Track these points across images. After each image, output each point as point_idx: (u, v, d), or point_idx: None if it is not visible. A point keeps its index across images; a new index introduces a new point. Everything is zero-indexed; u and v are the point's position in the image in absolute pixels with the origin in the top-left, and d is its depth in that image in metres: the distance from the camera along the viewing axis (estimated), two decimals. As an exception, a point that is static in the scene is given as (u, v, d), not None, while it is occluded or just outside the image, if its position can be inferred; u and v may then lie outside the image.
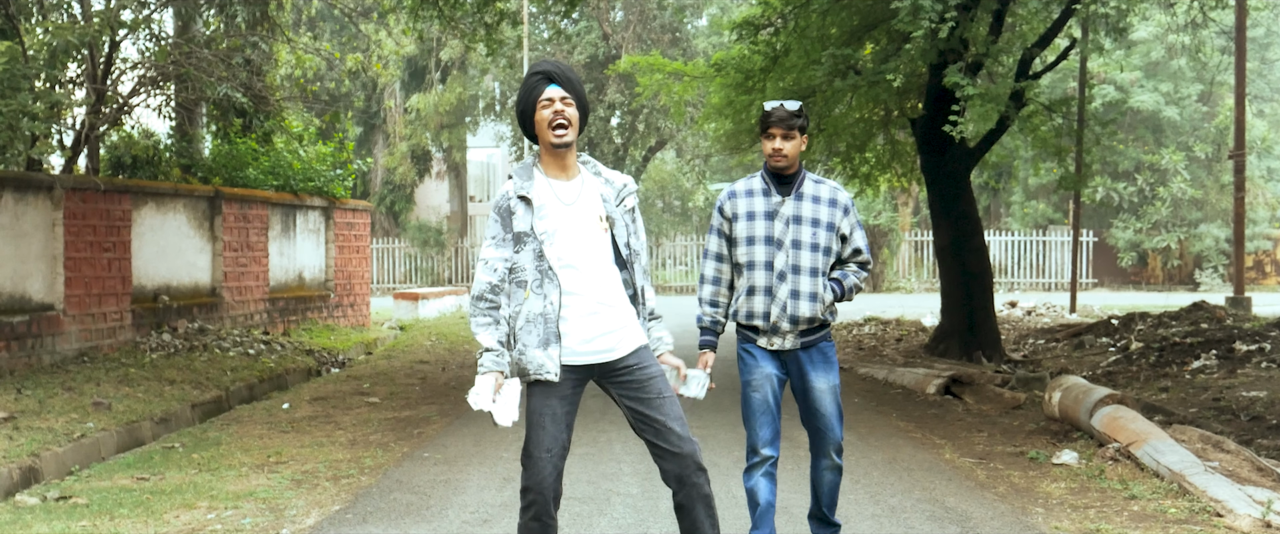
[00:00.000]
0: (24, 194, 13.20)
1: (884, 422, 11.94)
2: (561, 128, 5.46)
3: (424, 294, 26.71)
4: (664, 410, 5.51)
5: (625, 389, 5.55)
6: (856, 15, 16.80)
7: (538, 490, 5.39)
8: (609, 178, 5.66)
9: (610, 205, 5.58)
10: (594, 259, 5.50)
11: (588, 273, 5.47)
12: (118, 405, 11.24)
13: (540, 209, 5.47)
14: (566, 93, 5.50)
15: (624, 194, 5.65)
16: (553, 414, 5.46)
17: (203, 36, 18.07)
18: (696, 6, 44.26)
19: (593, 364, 5.51)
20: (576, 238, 5.48)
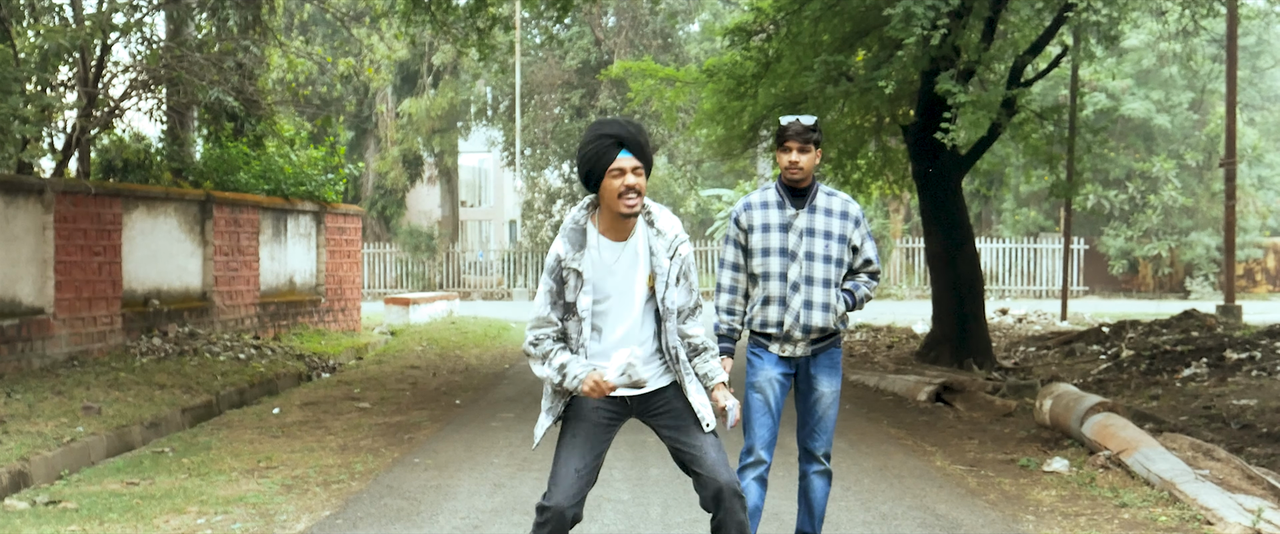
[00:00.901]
0: (14, 197, 13.17)
1: (875, 429, 11.94)
2: (632, 200, 5.37)
3: (415, 299, 26.67)
4: (703, 440, 5.51)
5: (663, 420, 5.58)
6: (848, 22, 16.81)
7: (556, 509, 5.37)
8: (661, 227, 5.56)
9: (660, 258, 5.52)
10: (637, 315, 5.51)
11: (629, 329, 5.50)
12: (108, 410, 11.22)
13: (590, 277, 5.46)
14: (639, 163, 5.40)
15: (675, 245, 5.56)
16: (588, 438, 5.49)
17: (194, 40, 18.05)
18: (688, 12, 44.29)
19: (628, 397, 5.53)
20: (622, 299, 5.49)
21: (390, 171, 45.32)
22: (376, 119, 45.65)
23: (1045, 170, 19.97)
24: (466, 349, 20.51)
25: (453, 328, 24.51)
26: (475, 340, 22.10)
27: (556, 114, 44.58)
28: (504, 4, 22.47)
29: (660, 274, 5.49)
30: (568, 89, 43.87)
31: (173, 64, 16.69)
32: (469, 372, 17.18)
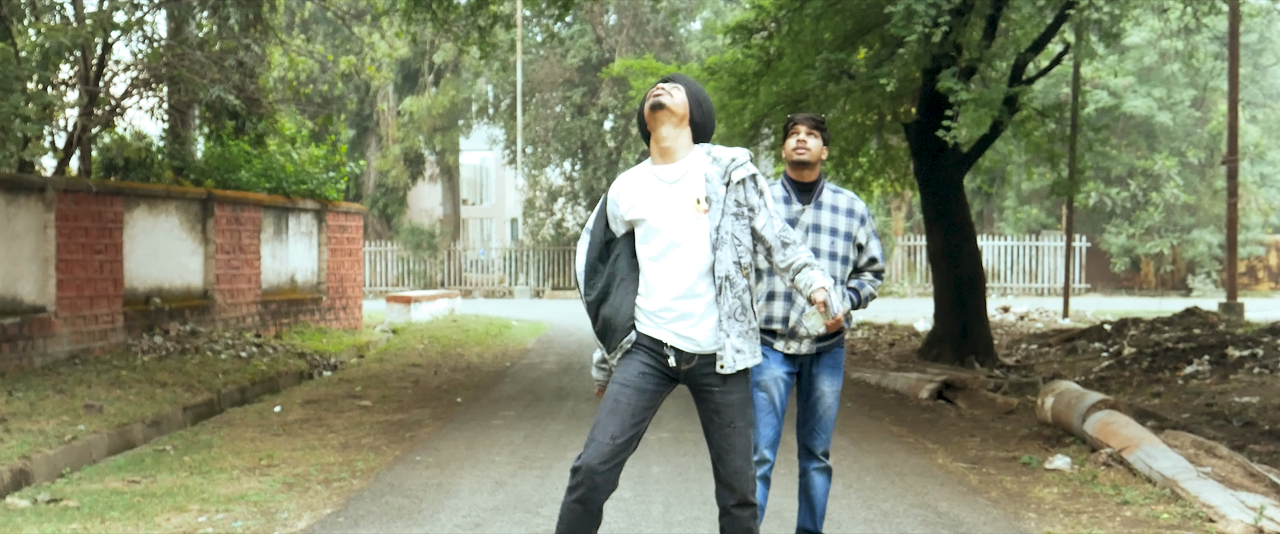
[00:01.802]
0: (16, 196, 13.17)
1: (877, 426, 11.93)
2: (659, 96, 5.46)
3: (416, 297, 26.68)
4: (731, 440, 5.47)
5: (704, 402, 5.52)
6: (850, 20, 16.81)
7: (588, 472, 5.30)
8: (717, 155, 5.53)
9: (715, 185, 5.45)
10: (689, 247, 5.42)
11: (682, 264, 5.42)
12: (109, 408, 11.22)
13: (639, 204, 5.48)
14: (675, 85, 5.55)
15: (730, 170, 5.49)
16: (628, 402, 5.39)
17: (196, 38, 18.04)
18: (690, 10, 44.28)
19: (678, 364, 5.46)
20: (673, 227, 5.43)
21: (392, 170, 45.33)
22: (378, 117, 45.65)
23: (1047, 168, 19.97)
24: (468, 347, 20.52)
25: (454, 326, 24.52)
26: (477, 339, 22.10)
27: (558, 112, 44.58)
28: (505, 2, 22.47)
29: (715, 200, 5.42)
30: (569, 87, 43.87)
31: (174, 62, 16.69)
32: (470, 370, 17.18)
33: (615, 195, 5.56)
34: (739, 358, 5.42)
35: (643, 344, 5.48)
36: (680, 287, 5.40)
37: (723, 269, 5.39)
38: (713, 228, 5.40)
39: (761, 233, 5.52)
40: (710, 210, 5.42)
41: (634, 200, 5.48)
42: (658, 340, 5.45)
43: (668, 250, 5.42)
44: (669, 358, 5.45)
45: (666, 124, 5.46)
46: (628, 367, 5.48)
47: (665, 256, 5.42)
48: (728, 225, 5.43)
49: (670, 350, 5.44)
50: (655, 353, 5.46)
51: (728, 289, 5.40)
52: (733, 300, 5.41)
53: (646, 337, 5.47)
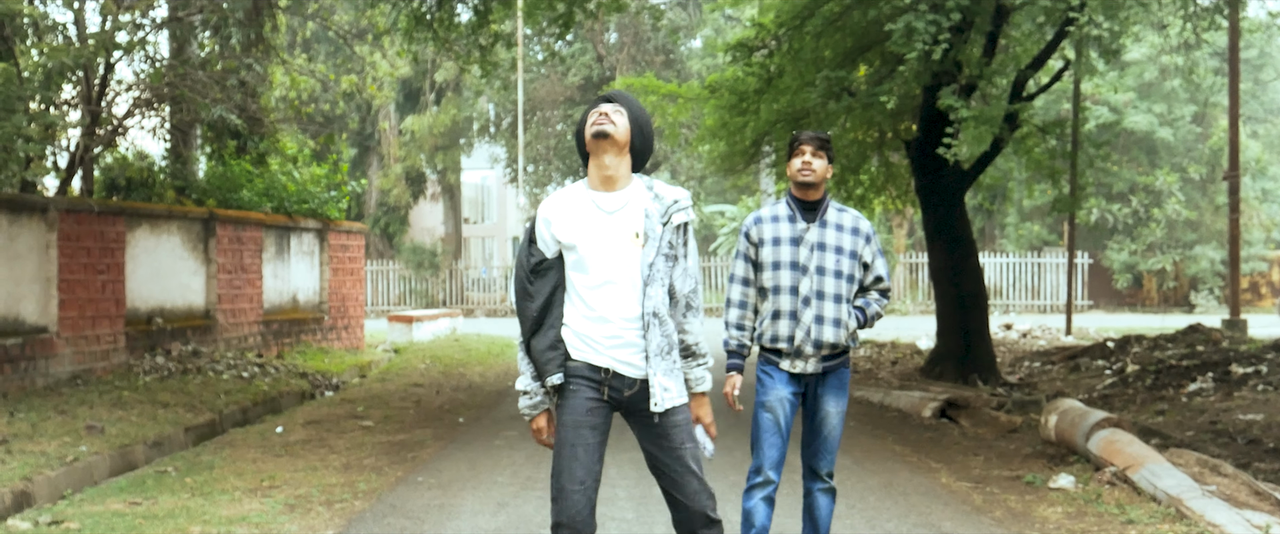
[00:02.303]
0: (18, 216, 13.17)
1: (880, 445, 11.91)
2: (606, 138, 5.35)
3: (418, 317, 26.67)
4: (684, 462, 5.39)
5: (645, 428, 5.44)
6: (850, 37, 16.82)
7: (571, 526, 5.25)
8: (660, 193, 5.47)
9: (653, 221, 5.39)
10: (626, 279, 5.36)
11: (618, 294, 5.36)
12: (111, 429, 11.20)
13: (574, 230, 5.39)
14: (618, 106, 5.42)
15: (670, 211, 5.43)
16: (585, 444, 5.32)
17: (198, 58, 18.07)
18: (690, 28, 44.36)
19: (612, 371, 5.36)
20: (610, 259, 5.35)
21: (393, 189, 45.35)
22: (379, 136, 45.69)
23: (1048, 184, 19.97)
24: (470, 367, 20.50)
25: (456, 345, 24.51)
26: (478, 358, 22.09)
27: (559, 131, 44.64)
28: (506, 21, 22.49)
29: (652, 237, 5.37)
30: (570, 105, 43.93)
31: (176, 82, 16.71)
32: (472, 389, 17.16)
33: (548, 216, 5.44)
34: (666, 396, 5.36)
35: (582, 376, 5.39)
36: (617, 315, 5.35)
37: (651, 305, 5.34)
38: (646, 263, 5.35)
39: (675, 284, 5.45)
40: (645, 246, 5.37)
41: (569, 225, 5.38)
42: (596, 368, 5.38)
43: (603, 282, 5.35)
44: (606, 388, 5.39)
45: (609, 153, 5.38)
46: (573, 404, 5.38)
47: (602, 287, 5.36)
48: (660, 264, 5.38)
49: (609, 378, 5.38)
50: (595, 383, 5.39)
51: (655, 326, 5.35)
52: (660, 339, 5.36)
53: (585, 365, 5.39)
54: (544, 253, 5.45)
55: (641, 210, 5.40)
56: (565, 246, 5.39)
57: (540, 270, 5.45)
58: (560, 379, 5.36)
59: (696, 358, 5.52)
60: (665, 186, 5.50)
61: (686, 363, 5.51)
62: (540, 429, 5.51)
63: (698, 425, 5.55)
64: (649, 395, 5.38)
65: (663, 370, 5.37)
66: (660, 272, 5.37)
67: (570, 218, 5.40)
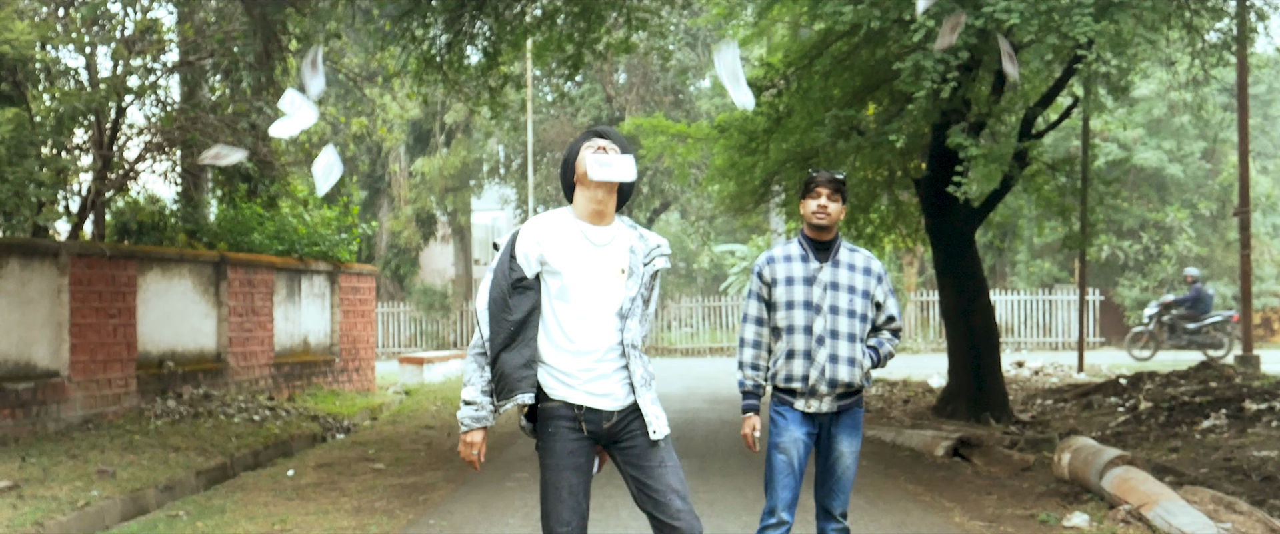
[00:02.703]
0: (30, 260, 13.21)
1: (893, 485, 11.87)
2: (605, 160, 5.46)
3: (429, 358, 26.66)
4: (664, 480, 5.43)
5: (627, 456, 5.49)
6: (859, 76, 16.84)
7: None
8: (645, 235, 5.62)
9: (636, 259, 5.53)
10: (604, 311, 5.47)
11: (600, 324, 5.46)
12: (122, 473, 11.20)
13: (561, 258, 5.49)
14: (615, 145, 5.55)
15: (653, 254, 5.59)
16: (569, 486, 5.40)
17: (209, 102, 18.14)
18: (699, 68, 44.42)
19: (594, 425, 5.44)
20: (595, 289, 5.48)
21: (404, 230, 45.38)
22: (390, 178, 45.75)
23: (1058, 222, 19.95)
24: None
25: (467, 386, 24.46)
26: (490, 399, 22.04)
27: (569, 171, 44.67)
28: (515, 63, 22.57)
29: (635, 274, 5.48)
30: (580, 146, 43.99)
31: (187, 126, 16.78)
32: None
33: (535, 238, 5.50)
34: (660, 423, 5.49)
35: (561, 416, 5.45)
36: (597, 346, 5.43)
37: (630, 338, 5.46)
38: (628, 297, 5.47)
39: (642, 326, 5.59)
40: (628, 280, 5.48)
41: (557, 253, 5.46)
42: (571, 405, 5.44)
43: (586, 312, 5.44)
44: (583, 423, 5.44)
45: (604, 189, 5.51)
46: (556, 447, 5.45)
47: (583, 318, 5.44)
48: (639, 302, 5.52)
49: (586, 414, 5.44)
50: (572, 420, 5.45)
51: (636, 357, 5.46)
52: (643, 370, 5.49)
53: (562, 403, 5.45)
54: (524, 271, 5.50)
55: (628, 247, 5.54)
56: (549, 272, 5.47)
57: (520, 287, 5.50)
58: (530, 399, 5.43)
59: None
60: (649, 232, 5.66)
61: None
62: (473, 443, 5.57)
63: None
64: (631, 425, 5.47)
65: (650, 400, 5.49)
66: (637, 308, 5.50)
67: (560, 245, 5.48)
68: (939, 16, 12.10)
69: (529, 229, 5.55)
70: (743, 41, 22.85)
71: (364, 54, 21.72)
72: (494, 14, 17.06)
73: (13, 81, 15.35)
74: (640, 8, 18.14)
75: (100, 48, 16.64)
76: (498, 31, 17.42)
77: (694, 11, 33.24)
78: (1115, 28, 12.37)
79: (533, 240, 5.50)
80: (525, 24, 17.95)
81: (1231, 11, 16.93)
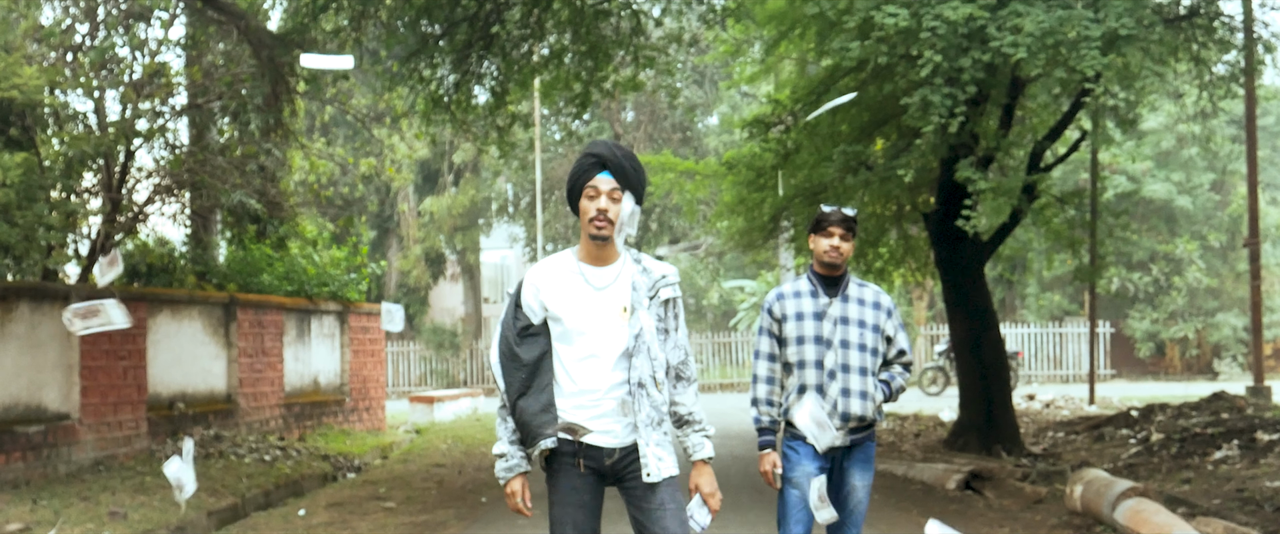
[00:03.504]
0: (40, 304, 13.23)
1: (905, 518, 11.84)
2: (602, 224, 5.38)
3: (439, 397, 26.63)
4: (662, 523, 5.38)
5: (630, 496, 5.46)
6: (866, 112, 16.88)
7: None
8: (648, 267, 5.52)
9: (640, 295, 5.44)
10: (607, 352, 5.40)
11: (602, 368, 5.40)
12: (134, 514, 11.19)
13: (561, 303, 5.44)
14: (617, 184, 5.38)
15: (657, 285, 5.48)
16: (573, 522, 5.40)
17: (217, 144, 18.20)
18: (707, 106, 44.54)
19: (601, 463, 5.41)
20: (597, 333, 5.41)
21: (413, 270, 45.43)
22: (398, 218, 45.84)
23: (1068, 254, 19.95)
24: (491, 445, 20.41)
25: (478, 425, 24.46)
26: (500, 437, 22.01)
27: (577, 209, 44.76)
28: (523, 102, 22.63)
29: (638, 309, 5.40)
30: (588, 184, 44.07)
31: (196, 168, 16.84)
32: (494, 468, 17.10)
33: (536, 285, 5.49)
34: (661, 466, 5.37)
35: (562, 452, 5.43)
36: (597, 387, 5.37)
37: (637, 375, 5.36)
38: (632, 334, 5.38)
39: (666, 357, 5.48)
40: (630, 318, 5.40)
41: (557, 299, 5.43)
42: (573, 443, 5.40)
43: (588, 355, 5.39)
44: (582, 459, 5.41)
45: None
46: (559, 483, 5.46)
47: (586, 360, 5.40)
48: (647, 336, 5.40)
49: (587, 451, 5.40)
50: (574, 457, 5.43)
51: (643, 396, 5.36)
52: (650, 409, 5.37)
53: (564, 441, 5.41)
54: (530, 318, 5.48)
55: (629, 283, 5.45)
56: (551, 317, 5.44)
57: (527, 334, 5.48)
58: (553, 443, 5.39)
59: (691, 425, 5.51)
60: (652, 261, 5.56)
61: (682, 431, 5.50)
62: (514, 492, 5.54)
63: (696, 494, 5.52)
64: (632, 465, 5.40)
65: (654, 441, 5.38)
66: (646, 343, 5.39)
67: (558, 290, 5.45)
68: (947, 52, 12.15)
69: (531, 276, 5.54)
70: (750, 79, 22.92)
71: (372, 94, 21.79)
72: (501, 53, 17.13)
73: (22, 126, 15.41)
74: (647, 46, 18.20)
75: (109, 92, 16.71)
76: (505, 71, 17.49)
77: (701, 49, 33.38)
78: (1123, 61, 12.39)
79: (534, 288, 5.49)
80: (533, 63, 18.02)
81: (1239, 44, 16.96)
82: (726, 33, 20.19)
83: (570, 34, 17.40)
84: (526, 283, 5.53)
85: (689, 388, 5.52)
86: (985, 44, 12.11)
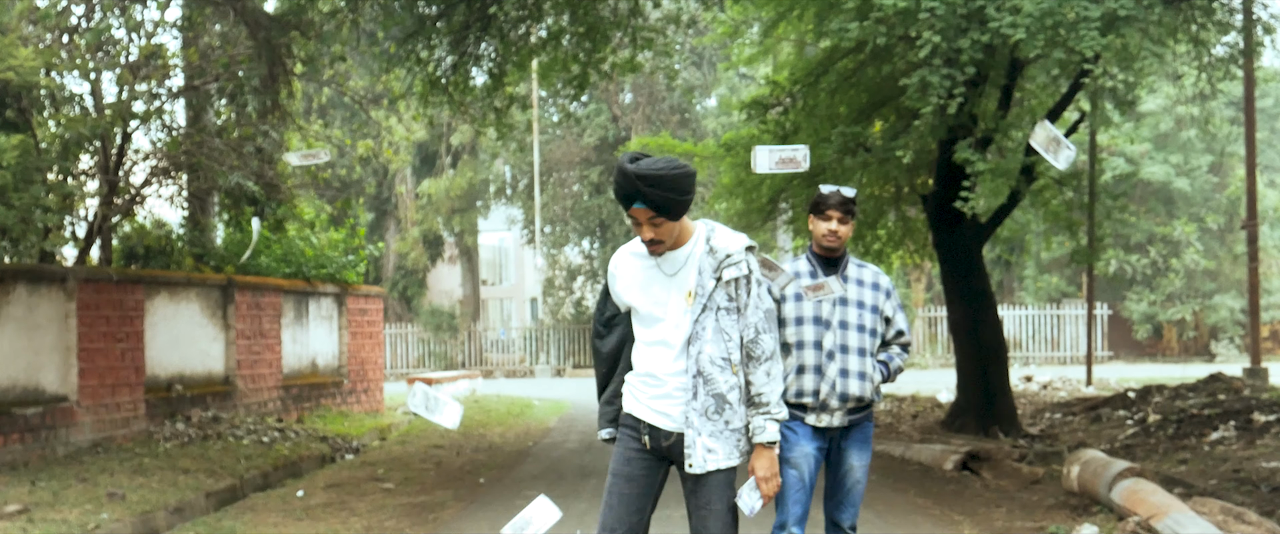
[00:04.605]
0: (37, 286, 13.23)
1: (902, 498, 11.86)
2: (653, 248, 5.36)
3: (437, 379, 26.65)
4: (705, 520, 5.42)
5: (683, 484, 5.51)
6: (865, 93, 16.86)
7: None
8: (716, 245, 5.42)
9: (705, 277, 5.37)
10: (675, 336, 5.40)
11: (664, 352, 5.42)
12: (132, 496, 11.20)
13: (628, 286, 5.51)
14: (654, 212, 5.23)
15: (723, 266, 5.38)
16: (620, 493, 5.42)
17: (214, 126, 18.16)
18: (705, 87, 44.48)
19: (658, 441, 5.42)
20: (661, 316, 5.43)
21: (411, 252, 45.43)
22: (396, 200, 45.82)
23: (1066, 236, 19.95)
24: (490, 427, 20.46)
25: (476, 406, 24.48)
26: (499, 419, 22.05)
27: (575, 191, 44.74)
28: (521, 84, 22.59)
29: (699, 295, 5.34)
30: (586, 166, 44.05)
31: (193, 150, 16.80)
32: (493, 450, 17.13)
33: (614, 273, 5.56)
34: (710, 457, 5.36)
35: (626, 425, 5.49)
36: (665, 373, 5.38)
37: (696, 365, 5.33)
38: (692, 321, 5.34)
39: (741, 333, 5.43)
40: (693, 304, 5.36)
41: (630, 286, 5.47)
42: (638, 420, 5.44)
43: (656, 341, 5.42)
44: (645, 436, 5.43)
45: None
46: (616, 454, 5.50)
47: (654, 346, 5.43)
48: (709, 320, 5.34)
49: (646, 428, 5.41)
50: (636, 432, 5.45)
51: (701, 386, 5.33)
52: (707, 398, 5.33)
53: (630, 416, 5.47)
54: (617, 306, 5.61)
55: (696, 267, 5.39)
56: (627, 304, 5.51)
57: (611, 323, 5.63)
58: (608, 434, 5.56)
59: (758, 407, 5.45)
60: (723, 236, 5.46)
61: (749, 412, 5.45)
62: None
63: (751, 477, 5.50)
64: (685, 449, 5.38)
65: (708, 432, 5.35)
66: (710, 328, 5.34)
67: (631, 278, 5.49)
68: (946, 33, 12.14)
69: (613, 263, 5.59)
70: (749, 61, 22.88)
71: (369, 76, 21.75)
72: (499, 35, 17.10)
73: (18, 108, 15.38)
74: (645, 27, 18.18)
75: (105, 73, 16.68)
76: (503, 52, 17.46)
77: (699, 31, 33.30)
78: (1122, 42, 12.37)
79: (613, 275, 5.58)
80: (530, 45, 17.99)
81: (1238, 25, 16.95)
82: (725, 14, 20.13)
83: (568, 15, 17.38)
84: (610, 270, 5.59)
85: (760, 367, 5.44)
86: (984, 25, 12.09)
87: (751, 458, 5.49)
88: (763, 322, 5.46)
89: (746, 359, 5.42)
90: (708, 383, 5.32)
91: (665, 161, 5.23)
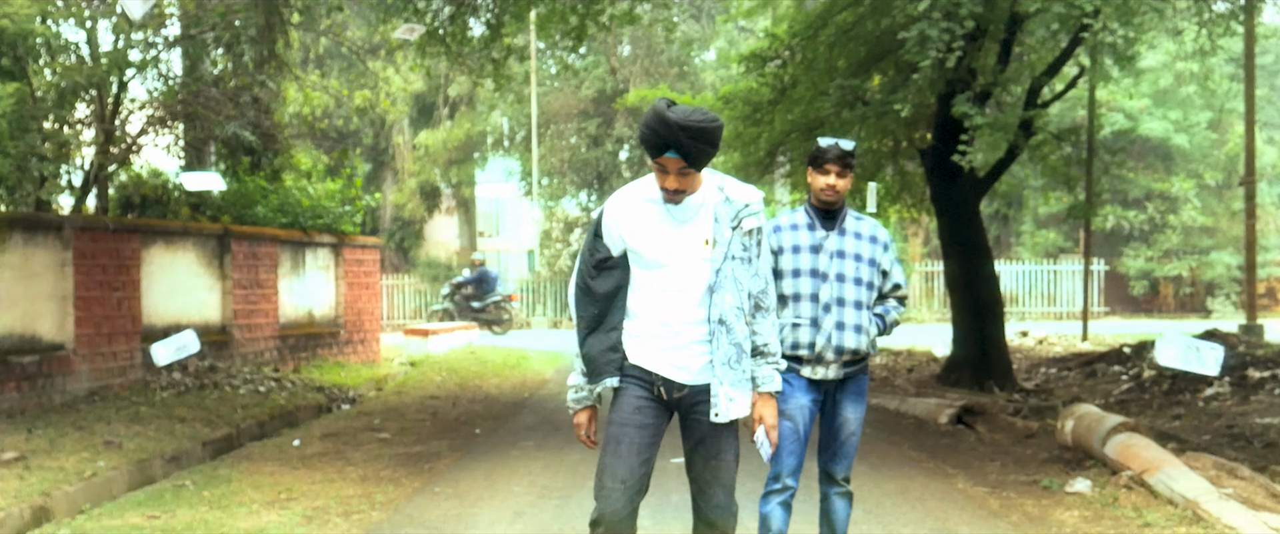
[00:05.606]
0: (33, 235, 13.21)
1: (896, 452, 11.89)
2: (673, 197, 5.24)
3: (434, 330, 26.67)
4: (716, 472, 5.40)
5: (692, 430, 5.43)
6: (864, 46, 16.81)
7: (607, 523, 5.26)
8: (732, 195, 5.35)
9: (722, 226, 5.31)
10: (689, 285, 5.31)
11: (676, 297, 5.33)
12: (129, 444, 11.22)
13: (639, 231, 5.34)
14: (684, 162, 5.14)
15: (741, 215, 5.33)
16: (630, 441, 5.32)
17: (211, 76, 18.12)
18: (704, 40, 44.34)
19: (670, 391, 5.38)
20: (676, 264, 5.31)
21: (408, 203, 45.38)
22: (393, 151, 45.73)
23: (1064, 191, 19.96)
24: (486, 379, 20.49)
25: (472, 358, 24.51)
26: (495, 370, 22.08)
27: (573, 143, 44.63)
28: (519, 35, 22.52)
29: (720, 242, 5.28)
30: (584, 118, 43.95)
31: (189, 100, 16.78)
32: (489, 401, 17.16)
33: (616, 216, 5.38)
34: (732, 406, 5.32)
35: (632, 376, 5.37)
36: (677, 320, 5.30)
37: (718, 312, 5.29)
38: (714, 270, 5.29)
39: (749, 286, 5.38)
40: (713, 252, 5.30)
41: (637, 231, 5.33)
42: (648, 371, 5.36)
43: (668, 287, 5.30)
44: (659, 388, 5.36)
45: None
46: (622, 403, 5.37)
47: (668, 293, 5.31)
48: (729, 269, 5.30)
49: (660, 381, 5.35)
50: (647, 383, 5.37)
51: (722, 334, 5.29)
52: (728, 347, 5.30)
53: (636, 367, 5.37)
54: (609, 250, 5.41)
55: (711, 215, 5.32)
56: (631, 250, 5.35)
57: (604, 267, 5.42)
58: (616, 383, 5.38)
59: (765, 356, 5.43)
60: (737, 187, 5.41)
61: (755, 362, 5.42)
62: (580, 424, 5.51)
63: (759, 425, 5.48)
64: (700, 403, 5.35)
65: (730, 380, 5.32)
66: (728, 277, 5.30)
67: (638, 222, 5.34)
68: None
69: (611, 206, 5.42)
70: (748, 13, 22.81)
71: (367, 26, 21.68)
72: (497, -15, 17.04)
73: (13, 56, 15.33)
74: (644, -21, 18.12)
75: (101, 22, 16.62)
76: (501, 3, 17.40)
77: (698, -18, 33.13)
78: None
79: (614, 219, 5.38)
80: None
81: (1238, -20, 16.89)
82: (724, -34, 20.09)
83: (566, -34, 17.32)
84: (607, 213, 5.42)
85: (767, 317, 5.43)
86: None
87: (757, 406, 5.45)
88: (769, 273, 5.49)
89: (754, 309, 5.41)
90: (729, 331, 5.29)
91: (702, 113, 5.15)
